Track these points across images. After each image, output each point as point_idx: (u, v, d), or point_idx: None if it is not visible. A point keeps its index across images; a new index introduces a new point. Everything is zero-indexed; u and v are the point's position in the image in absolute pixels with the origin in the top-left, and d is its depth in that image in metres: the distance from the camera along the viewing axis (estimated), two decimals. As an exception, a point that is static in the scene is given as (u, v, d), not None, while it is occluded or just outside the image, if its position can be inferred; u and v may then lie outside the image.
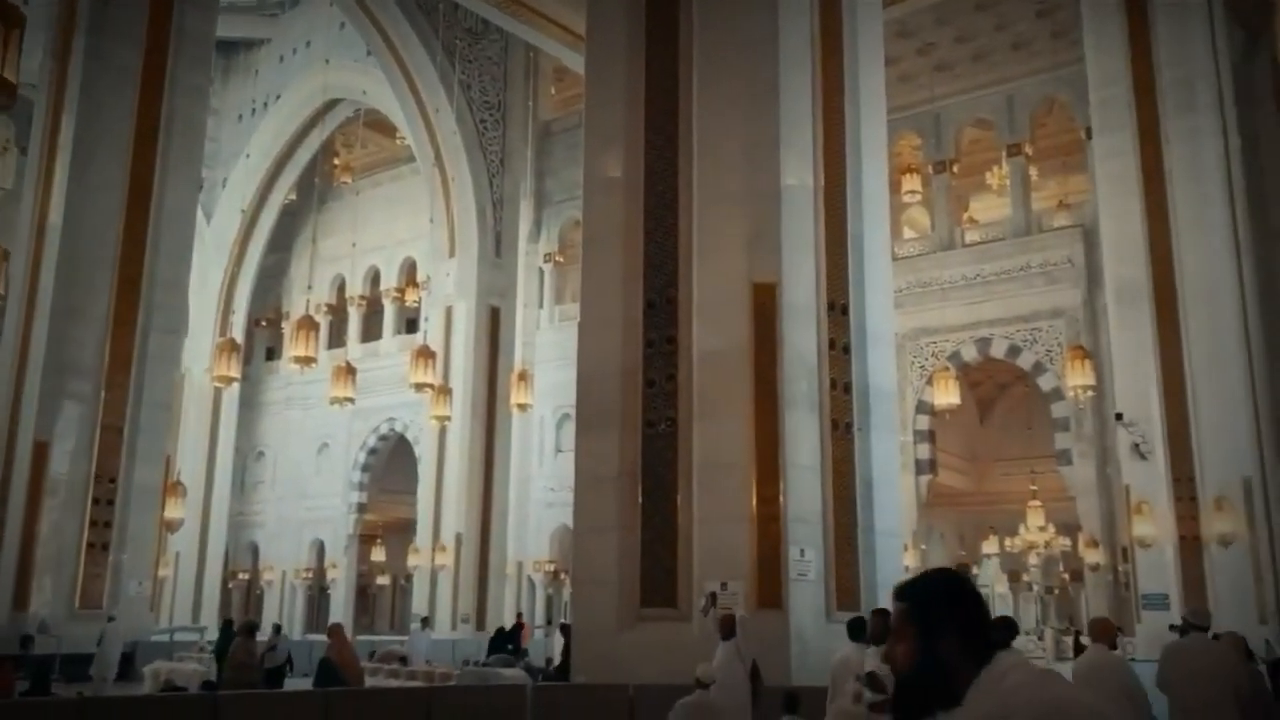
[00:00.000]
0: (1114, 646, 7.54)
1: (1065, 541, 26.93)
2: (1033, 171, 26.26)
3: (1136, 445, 19.55)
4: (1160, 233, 20.15)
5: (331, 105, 31.41)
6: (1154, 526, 19.21)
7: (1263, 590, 18.83)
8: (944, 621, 2.11)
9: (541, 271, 31.52)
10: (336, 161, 33.69)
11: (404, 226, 32.97)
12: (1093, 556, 22.95)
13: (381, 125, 32.04)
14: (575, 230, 23.75)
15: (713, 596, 9.66)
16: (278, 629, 15.16)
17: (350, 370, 22.44)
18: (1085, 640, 8.73)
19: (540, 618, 29.07)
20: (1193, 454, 19.21)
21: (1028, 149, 25.75)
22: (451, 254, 28.66)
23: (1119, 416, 20.02)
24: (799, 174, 11.44)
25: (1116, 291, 20.97)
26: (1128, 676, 7.11)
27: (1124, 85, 20.89)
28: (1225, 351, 19.68)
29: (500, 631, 21.41)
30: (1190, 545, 18.95)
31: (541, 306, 31.31)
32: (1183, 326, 19.67)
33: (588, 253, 12.48)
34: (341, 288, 35.03)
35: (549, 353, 28.87)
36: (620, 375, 11.40)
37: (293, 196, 34.47)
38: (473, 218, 28.43)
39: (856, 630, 7.45)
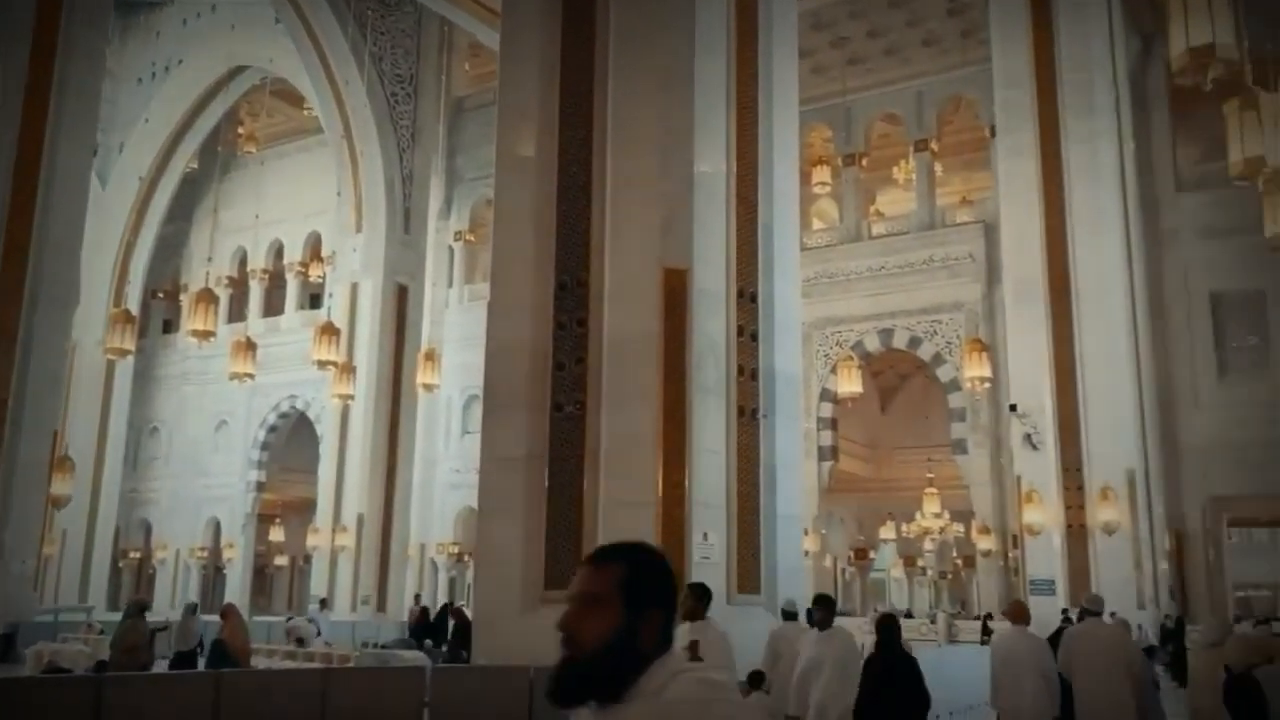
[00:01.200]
0: (1028, 624, 8.04)
1: (959, 528, 27.79)
2: (938, 167, 26.89)
3: (1028, 436, 20.25)
4: (1057, 231, 20.85)
5: (237, 72, 30.46)
6: (1043, 514, 19.95)
7: (1141, 577, 19.74)
8: (655, 596, 1.86)
9: (451, 250, 31.14)
10: (241, 130, 32.69)
11: (310, 200, 32.19)
12: (985, 543, 23.72)
13: (288, 95, 31.19)
14: (487, 209, 23.51)
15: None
16: (193, 609, 14.66)
17: (250, 345, 21.91)
18: (993, 624, 9.23)
19: (442, 600, 28.86)
20: (1081, 445, 20.00)
21: (934, 145, 26.36)
22: (358, 229, 28.09)
23: (1013, 408, 20.71)
24: (712, 161, 11.50)
25: (1014, 287, 21.66)
26: (1042, 655, 7.69)
27: (1027, 86, 21.52)
28: (1114, 348, 20.51)
29: (425, 615, 20.97)
30: (1077, 533, 19.74)
31: (451, 286, 30.96)
32: (1075, 322, 20.43)
33: (499, 232, 12.36)
34: (243, 260, 34.07)
35: (457, 333, 28.56)
36: (529, 357, 11.34)
37: (194, 165, 33.34)
38: (381, 193, 27.90)
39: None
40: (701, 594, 6.90)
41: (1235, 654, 6.87)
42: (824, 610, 7.78)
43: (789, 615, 9.29)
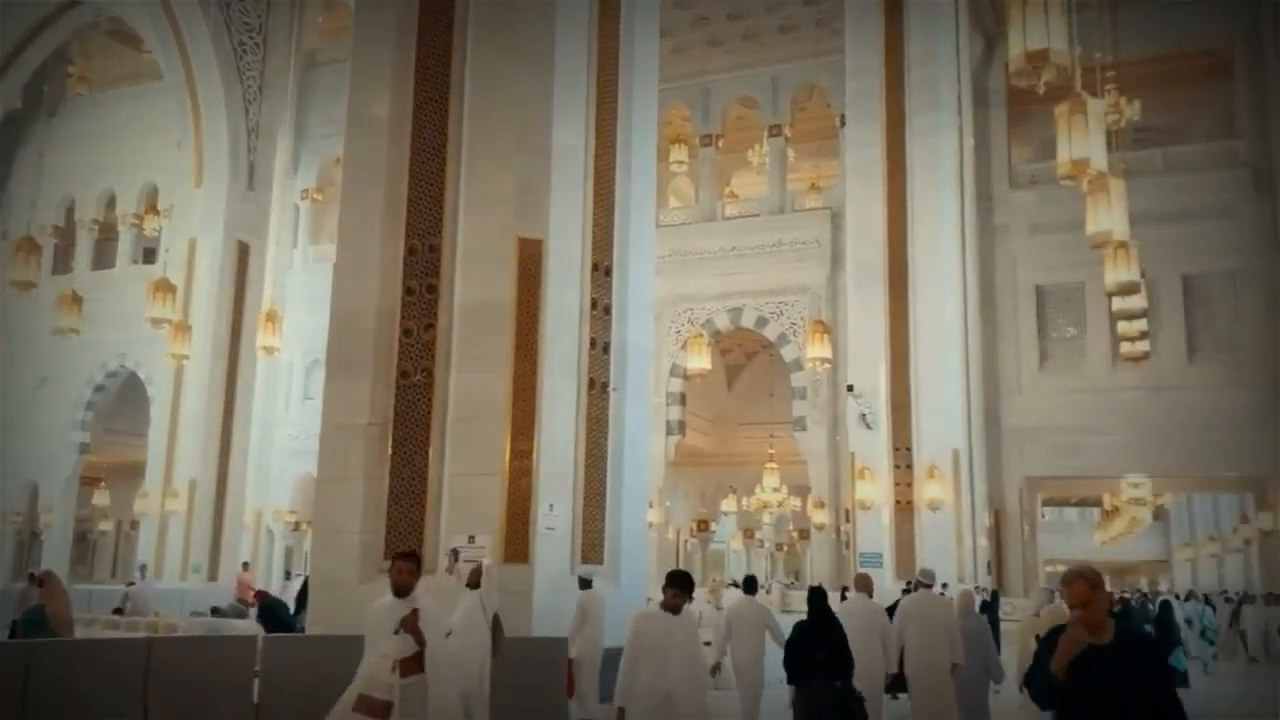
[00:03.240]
0: (870, 595, 9.29)
1: (796, 502, 28.74)
2: (791, 153, 27.53)
3: (863, 415, 21.13)
4: (897, 220, 21.75)
5: (69, 7, 28.45)
6: (874, 490, 20.89)
7: (962, 551, 20.94)
8: None
9: (297, 208, 30.10)
10: (71, 70, 30.60)
11: (147, 149, 30.40)
12: (819, 517, 24.63)
13: (126, 36, 29.36)
14: (336, 168, 22.73)
15: (455, 553, 9.68)
16: (31, 576, 13.78)
17: (76, 299, 20.71)
18: (850, 594, 10.58)
19: (279, 568, 28.09)
20: (911, 426, 21.01)
21: (788, 131, 26.97)
22: (199, 183, 26.78)
23: (850, 388, 21.56)
24: (570, 133, 11.50)
25: (855, 272, 22.51)
26: (881, 619, 9.00)
27: (876, 78, 22.29)
28: (946, 334, 21.60)
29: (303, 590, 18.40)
30: (904, 509, 20.77)
31: (296, 245, 29.94)
32: (911, 309, 21.40)
33: (347, 192, 12.05)
34: (71, 209, 31.99)
35: (301, 294, 27.67)
36: (375, 321, 11.13)
37: (18, 104, 31.04)
38: (224, 146, 26.66)
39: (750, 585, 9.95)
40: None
41: (1046, 625, 7.45)
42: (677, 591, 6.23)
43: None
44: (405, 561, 6.03)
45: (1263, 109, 23.17)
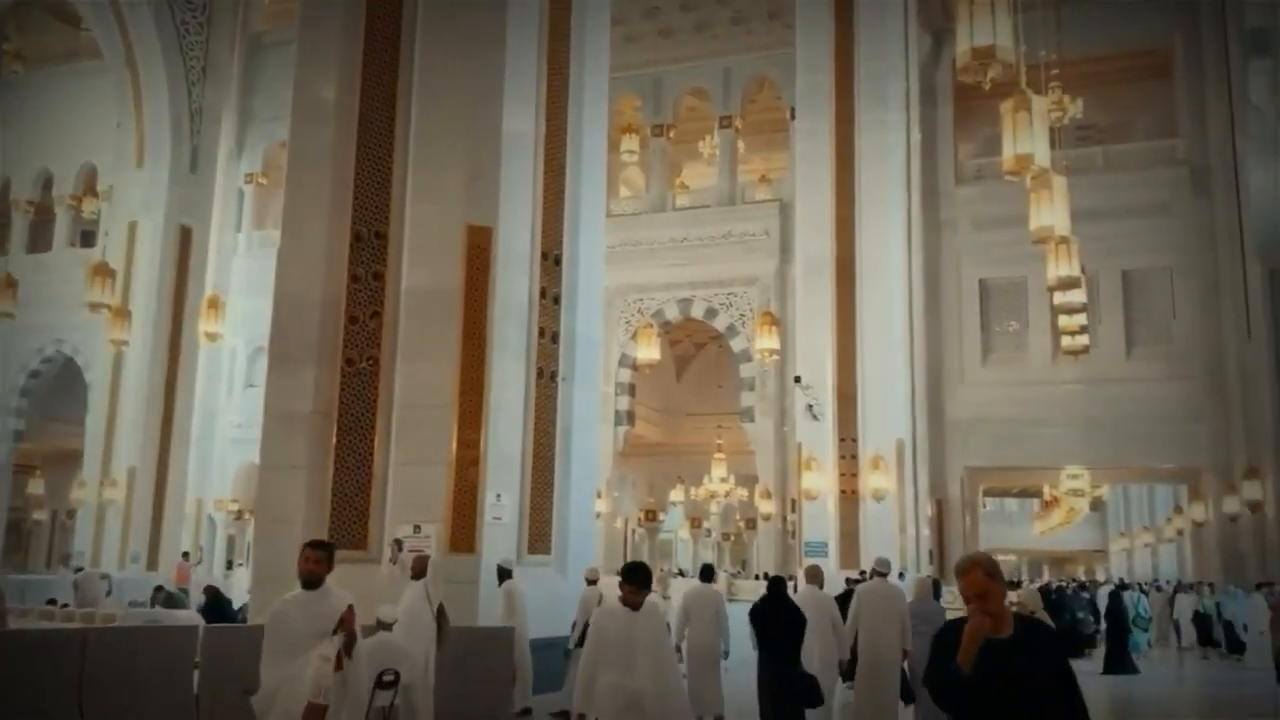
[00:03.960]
0: (821, 586, 9.78)
1: (744, 492, 28.94)
2: (741, 145, 27.63)
3: (810, 406, 21.31)
4: (846, 214, 21.93)
5: (2, -19, 27.66)
6: (820, 481, 21.09)
7: (905, 540, 21.24)
8: None
9: (242, 193, 29.59)
10: (6, 47, 29.74)
11: (85, 129, 29.65)
12: (766, 506, 24.82)
13: (65, 13, 28.59)
14: (282, 152, 22.32)
15: (398, 543, 9.61)
16: None
17: (11, 283, 20.23)
18: (800, 584, 11.09)
19: (221, 558, 27.70)
20: (857, 417, 21.24)
21: (739, 123, 27.05)
22: (140, 164, 26.21)
23: (797, 379, 21.72)
24: (521, 120, 11.43)
25: (804, 265, 22.66)
26: (832, 609, 9.52)
27: (826, 73, 22.42)
28: (892, 327, 21.85)
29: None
30: (849, 499, 21.00)
31: (240, 230, 29.45)
32: (858, 302, 21.62)
33: (293, 177, 11.87)
34: (5, 190, 31.12)
35: (245, 280, 27.21)
36: (320, 309, 10.99)
37: (-53, 80, 30.13)
38: (166, 127, 26.10)
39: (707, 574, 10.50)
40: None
41: None
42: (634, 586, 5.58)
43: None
44: (315, 550, 5.51)
45: (1201, 109, 23.70)
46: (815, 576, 9.78)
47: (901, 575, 13.63)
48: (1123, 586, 22.89)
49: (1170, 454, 23.23)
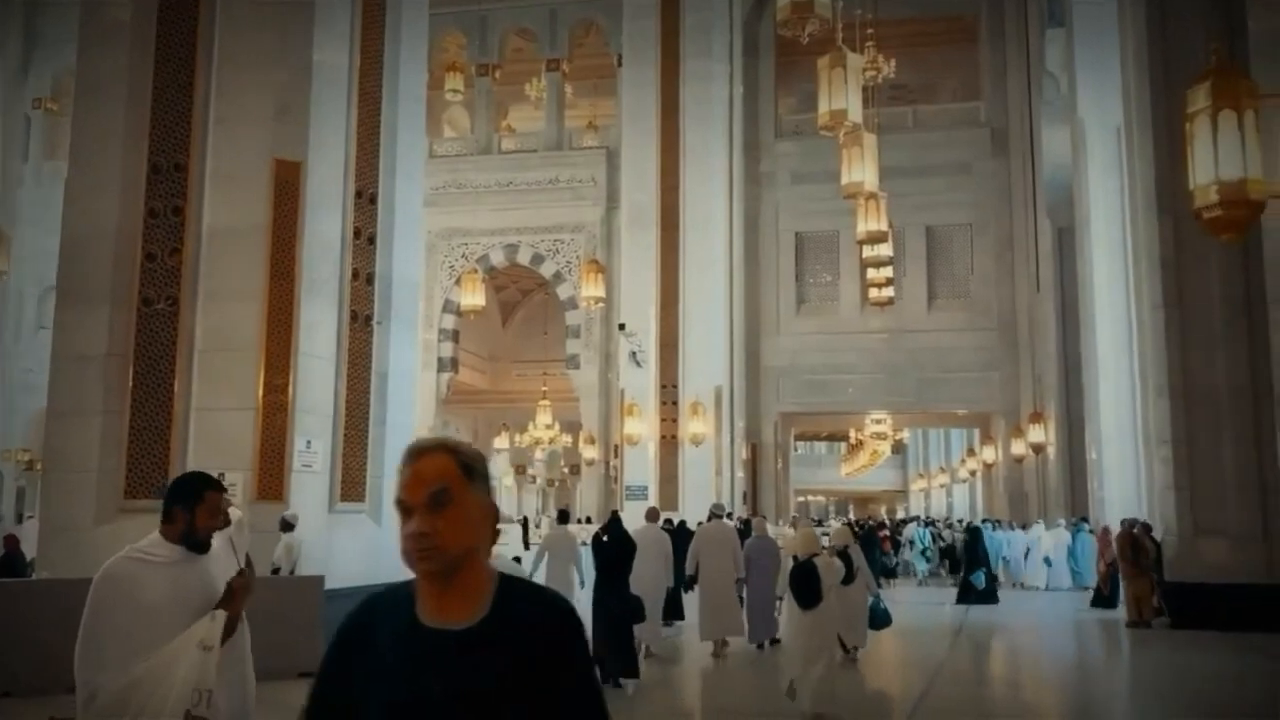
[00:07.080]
0: (658, 524, 11.75)
1: (568, 439, 29.13)
2: (569, 89, 27.40)
3: (634, 354, 21.63)
4: (671, 164, 22.18)
5: None
6: (642, 426, 21.48)
7: (720, 483, 21.96)
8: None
9: (28, 119, 27.34)
10: None
11: None
12: (590, 452, 25.10)
13: None
14: (73, 76, 20.75)
15: (200, 493, 9.18)
16: None
17: None
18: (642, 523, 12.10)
19: (10, 511, 25.90)
20: (679, 364, 21.71)
21: (565, 67, 26.80)
22: (-94, 83, 23.82)
23: (622, 327, 21.97)
24: (333, 50, 10.93)
25: (629, 213, 22.85)
26: (666, 543, 11.21)
27: (653, 20, 22.49)
28: (713, 276, 22.36)
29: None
30: (669, 444, 21.52)
31: (27, 160, 27.25)
32: (681, 250, 21.98)
33: (82, 102, 11.04)
34: None
35: (34, 214, 25.21)
36: (114, 245, 10.29)
37: None
38: (-62, 43, 23.79)
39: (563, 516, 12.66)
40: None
41: (800, 547, 8.16)
42: None
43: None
44: (218, 492, 3.35)
45: (1002, 75, 25.05)
46: (653, 516, 11.67)
47: (729, 516, 15.72)
48: (911, 521, 24.26)
49: (965, 400, 24.82)
